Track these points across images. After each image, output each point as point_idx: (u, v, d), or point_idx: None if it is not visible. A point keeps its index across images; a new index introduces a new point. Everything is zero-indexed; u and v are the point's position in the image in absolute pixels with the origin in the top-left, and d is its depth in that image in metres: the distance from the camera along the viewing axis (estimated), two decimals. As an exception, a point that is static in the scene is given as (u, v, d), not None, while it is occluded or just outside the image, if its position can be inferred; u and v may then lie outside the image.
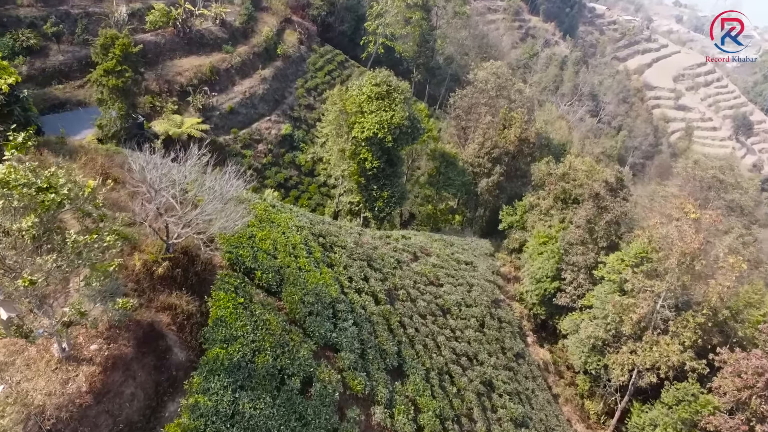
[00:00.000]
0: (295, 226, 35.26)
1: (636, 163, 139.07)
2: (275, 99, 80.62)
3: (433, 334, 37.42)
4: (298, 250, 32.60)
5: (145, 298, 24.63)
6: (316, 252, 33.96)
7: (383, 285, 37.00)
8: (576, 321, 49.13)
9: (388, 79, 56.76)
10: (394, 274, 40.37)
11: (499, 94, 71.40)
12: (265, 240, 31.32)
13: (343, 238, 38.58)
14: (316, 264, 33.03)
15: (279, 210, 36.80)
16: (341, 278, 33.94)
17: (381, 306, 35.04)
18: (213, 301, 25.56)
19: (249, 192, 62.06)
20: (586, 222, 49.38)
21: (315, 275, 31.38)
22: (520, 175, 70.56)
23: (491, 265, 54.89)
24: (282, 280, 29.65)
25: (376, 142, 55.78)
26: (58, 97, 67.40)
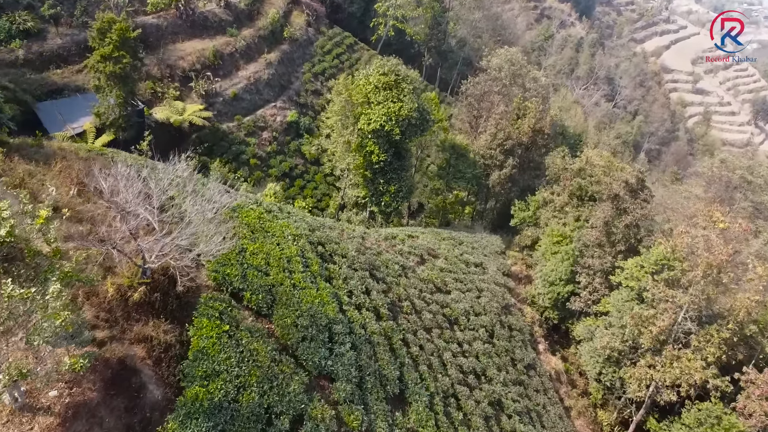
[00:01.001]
0: (292, 235, 32.45)
1: (652, 149, 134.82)
2: (281, 84, 77.43)
3: (439, 351, 34.73)
4: (293, 263, 29.85)
5: (117, 328, 22.02)
6: (313, 265, 31.20)
7: (386, 297, 34.26)
8: (590, 328, 46.29)
9: (397, 68, 53.45)
10: (399, 282, 37.61)
11: (513, 82, 67.77)
12: (257, 254, 28.57)
13: (344, 246, 35.77)
14: (313, 279, 30.29)
15: (275, 216, 33.98)
16: (340, 293, 31.22)
17: (383, 322, 32.34)
18: (194, 330, 22.92)
19: (249, 186, 59.60)
20: (603, 224, 46.25)
21: (311, 293, 28.66)
22: (534, 167, 67.24)
23: (502, 264, 52.00)
24: (274, 301, 26.96)
25: (383, 135, 52.72)
26: (56, 82, 64.64)
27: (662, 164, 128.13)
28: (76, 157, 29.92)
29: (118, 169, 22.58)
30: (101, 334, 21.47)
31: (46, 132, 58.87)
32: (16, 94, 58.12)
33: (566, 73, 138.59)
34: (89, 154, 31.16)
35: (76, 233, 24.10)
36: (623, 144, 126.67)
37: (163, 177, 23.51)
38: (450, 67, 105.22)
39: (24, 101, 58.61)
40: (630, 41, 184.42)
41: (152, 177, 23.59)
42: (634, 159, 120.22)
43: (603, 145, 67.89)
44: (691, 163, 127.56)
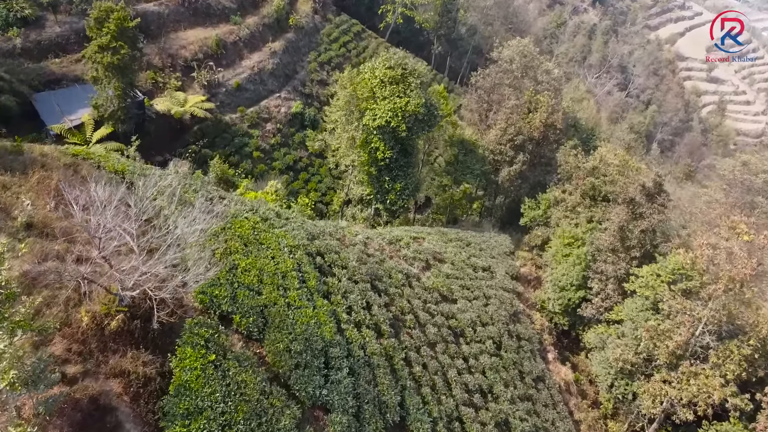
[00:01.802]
0: (289, 246, 30.37)
1: (665, 139, 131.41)
2: (285, 74, 75.01)
3: (444, 368, 32.72)
4: (288, 279, 27.79)
5: (92, 362, 20.08)
6: (310, 279, 29.14)
7: (388, 312, 32.20)
8: (602, 336, 44.13)
9: (404, 61, 50.94)
10: (402, 293, 35.53)
11: (525, 75, 64.96)
12: (250, 271, 26.53)
13: (344, 256, 33.67)
14: (310, 296, 28.25)
15: (272, 225, 31.89)
16: (339, 310, 29.19)
17: (384, 340, 30.33)
18: (177, 361, 20.95)
19: (250, 182, 57.48)
20: (618, 229, 43.86)
21: (306, 312, 26.63)
22: (545, 162, 64.68)
23: (510, 266, 49.75)
24: (266, 323, 24.95)
25: (389, 131, 50.38)
26: (54, 72, 62.57)
27: (675, 155, 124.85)
28: (58, 164, 27.85)
29: (93, 189, 20.42)
30: (73, 369, 19.55)
31: (43, 124, 57.11)
32: (12, 84, 56.15)
33: (578, 61, 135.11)
34: (74, 159, 29.08)
35: (50, 254, 22.12)
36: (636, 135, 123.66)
37: (143, 194, 21.33)
38: (460, 55, 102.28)
39: (20, 92, 56.65)
40: (644, 28, 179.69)
41: (133, 193, 21.50)
42: (647, 150, 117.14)
43: (616, 140, 65.20)
44: (705, 155, 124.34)
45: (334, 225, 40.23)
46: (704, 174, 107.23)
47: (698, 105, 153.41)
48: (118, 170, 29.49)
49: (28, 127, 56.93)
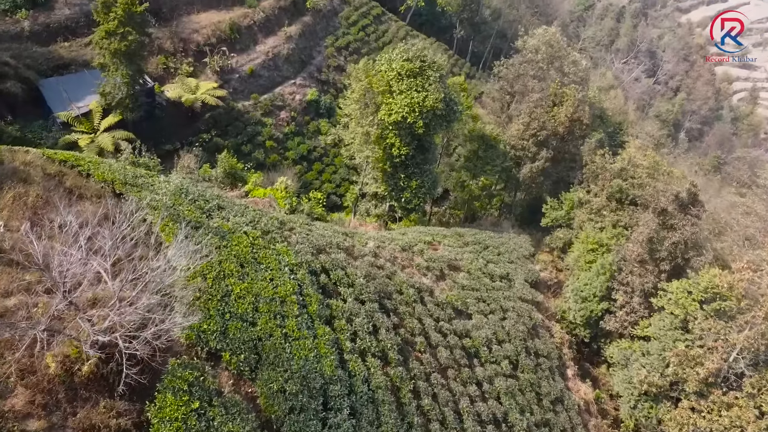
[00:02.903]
0: (290, 265, 27.81)
1: (693, 128, 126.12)
2: (301, 60, 71.82)
3: (455, 397, 30.15)
4: (287, 305, 25.26)
5: (59, 414, 17.80)
6: (312, 303, 26.59)
7: (396, 336, 29.60)
8: (626, 353, 41.21)
9: (422, 53, 47.60)
10: (413, 311, 32.90)
11: (551, 65, 61.20)
12: (244, 297, 24.02)
13: (351, 272, 31.04)
14: (310, 323, 25.73)
15: (273, 239, 29.30)
16: (342, 337, 26.65)
17: (392, 368, 27.82)
18: (155, 411, 18.60)
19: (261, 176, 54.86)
20: (647, 240, 40.63)
21: (305, 344, 24.13)
22: (569, 158, 61.21)
23: (530, 272, 46.76)
24: (260, 360, 22.50)
25: (405, 127, 47.30)
26: (62, 56, 60.21)
27: (703, 145, 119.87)
28: (41, 176, 25.42)
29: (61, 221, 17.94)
30: (36, 424, 17.29)
31: (50, 111, 54.95)
32: (18, 70, 53.94)
33: (605, 45, 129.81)
34: (59, 168, 26.62)
35: (18, 286, 19.77)
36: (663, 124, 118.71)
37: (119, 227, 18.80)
38: (483, 39, 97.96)
39: (26, 78, 54.42)
40: (675, 11, 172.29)
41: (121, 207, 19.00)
42: (674, 139, 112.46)
43: (645, 135, 61.39)
44: (735, 145, 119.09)
45: (343, 232, 37.54)
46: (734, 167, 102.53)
47: (729, 92, 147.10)
48: (108, 179, 27.01)
49: (34, 114, 54.94)
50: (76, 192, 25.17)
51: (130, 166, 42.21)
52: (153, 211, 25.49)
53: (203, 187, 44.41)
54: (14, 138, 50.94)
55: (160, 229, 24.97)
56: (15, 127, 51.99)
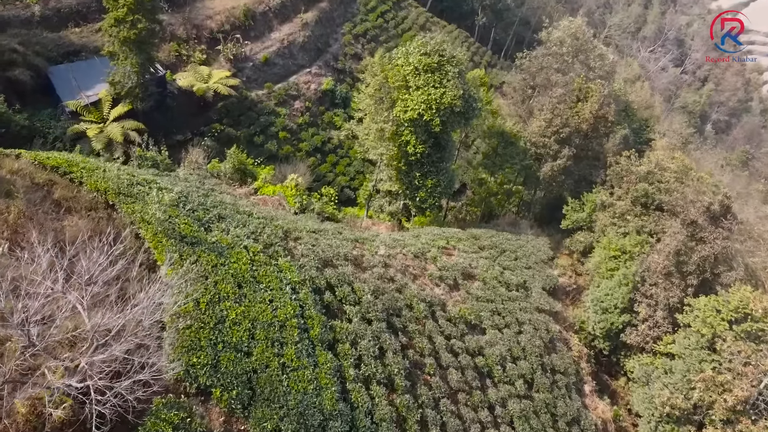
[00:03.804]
0: (292, 282, 25.91)
1: (720, 120, 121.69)
2: (317, 47, 69.36)
3: (465, 425, 28.21)
4: (287, 330, 23.39)
5: (27, 466, 16.18)
6: (315, 327, 24.70)
7: (404, 359, 27.66)
8: (647, 369, 38.96)
9: (441, 47, 44.99)
10: (423, 329, 30.92)
11: (575, 59, 58.09)
12: (240, 324, 22.18)
13: (359, 287, 29.07)
14: (312, 349, 23.85)
15: (276, 253, 27.36)
16: (345, 364, 24.76)
17: (398, 396, 25.94)
18: (136, 459, 16.92)
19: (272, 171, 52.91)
20: (674, 252, 38.11)
21: (304, 376, 22.28)
22: (592, 156, 58.39)
23: (548, 278, 44.45)
24: (254, 395, 20.70)
25: (421, 125, 44.96)
26: (73, 42, 58.52)
27: (730, 138, 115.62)
28: (28, 186, 23.66)
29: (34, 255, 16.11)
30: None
31: (59, 99, 53.38)
32: (26, 57, 52.32)
33: (632, 32, 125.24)
34: (50, 176, 24.83)
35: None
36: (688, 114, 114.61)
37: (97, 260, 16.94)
38: (505, 27, 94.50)
39: (35, 65, 52.80)
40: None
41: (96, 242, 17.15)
42: (700, 132, 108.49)
43: (673, 133, 58.31)
44: (765, 139, 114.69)
45: (353, 239, 35.51)
46: (763, 162, 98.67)
47: (759, 83, 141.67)
48: (101, 189, 25.18)
49: (44, 102, 53.44)
50: (65, 205, 23.36)
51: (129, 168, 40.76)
52: (146, 226, 23.67)
53: (210, 184, 42.81)
54: (22, 127, 49.63)
55: (152, 246, 23.21)
56: (23, 116, 50.56)
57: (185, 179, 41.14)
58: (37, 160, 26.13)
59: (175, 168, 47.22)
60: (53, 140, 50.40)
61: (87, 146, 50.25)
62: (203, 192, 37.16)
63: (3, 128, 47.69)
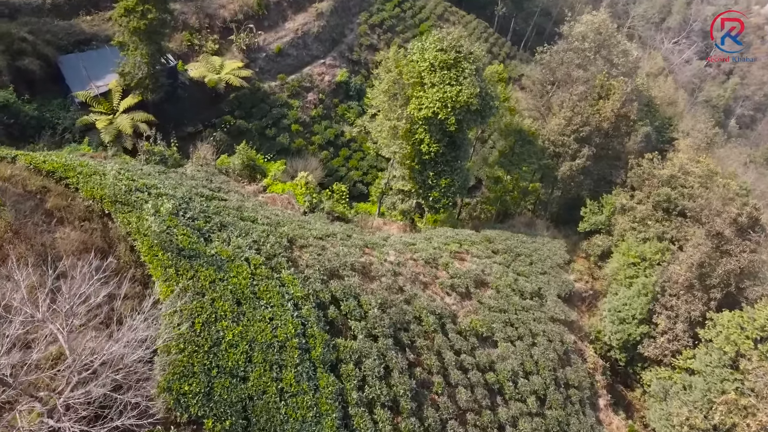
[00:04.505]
0: (295, 298, 24.58)
1: (744, 114, 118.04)
2: (332, 38, 67.53)
3: (474, 449, 26.94)
4: (287, 351, 22.09)
5: None
6: (317, 347, 23.37)
7: (411, 378, 26.29)
8: (665, 384, 37.30)
9: (458, 43, 43.05)
10: (432, 343, 29.51)
11: (597, 54, 55.76)
12: (237, 345, 20.90)
13: (365, 300, 27.69)
14: (313, 371, 22.55)
15: (279, 264, 26.01)
16: (348, 387, 23.44)
17: (403, 419, 24.60)
18: (119, 500, 15.73)
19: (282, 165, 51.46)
20: (697, 264, 36.24)
21: (304, 402, 21.00)
22: (612, 155, 56.30)
23: (564, 283, 42.83)
24: (249, 424, 19.45)
25: (436, 123, 43.26)
26: (84, 31, 57.34)
27: (755, 134, 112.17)
28: (20, 194, 22.44)
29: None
30: None
31: (68, 90, 52.31)
32: (36, 46, 51.20)
33: (656, 23, 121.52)
34: (44, 182, 23.56)
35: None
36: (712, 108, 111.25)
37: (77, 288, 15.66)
38: (526, 17, 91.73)
39: (45, 55, 51.70)
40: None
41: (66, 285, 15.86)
42: (724, 126, 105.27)
43: (697, 133, 55.87)
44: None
45: (362, 245, 34.12)
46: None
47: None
48: (97, 196, 23.92)
49: (54, 92, 52.43)
50: (57, 215, 22.14)
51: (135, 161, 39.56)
52: (142, 238, 22.40)
53: (218, 182, 41.50)
54: (31, 117, 48.70)
55: (147, 260, 21.95)
56: (33, 106, 49.65)
57: (192, 177, 39.94)
58: (32, 164, 24.92)
59: (184, 162, 46.04)
60: (62, 131, 49.47)
61: (96, 138, 49.28)
62: (210, 190, 35.93)
63: (12, 119, 46.81)
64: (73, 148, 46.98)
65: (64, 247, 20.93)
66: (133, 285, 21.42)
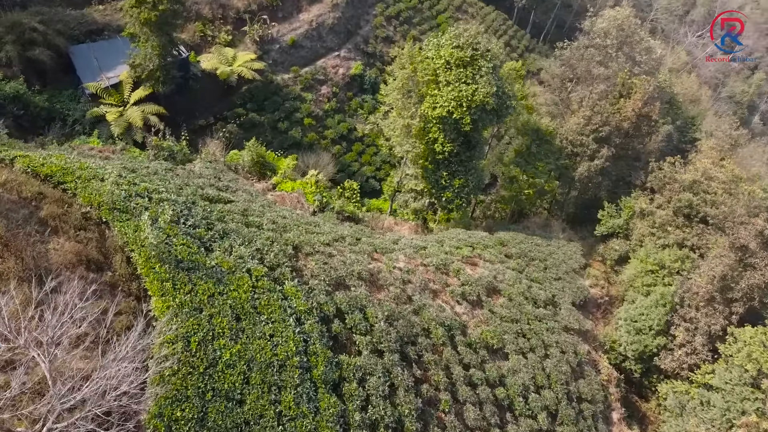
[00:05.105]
0: (298, 312, 23.52)
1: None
2: (347, 30, 66.02)
3: (481, 472, 25.86)
4: (287, 371, 21.05)
5: None
6: (319, 365, 22.31)
7: (417, 396, 25.15)
8: (682, 399, 35.92)
9: (475, 40, 41.42)
10: (441, 358, 28.36)
11: (619, 50, 53.71)
12: (234, 366, 19.90)
13: (372, 312, 26.57)
14: (314, 391, 21.51)
15: (283, 275, 24.95)
16: (350, 408, 22.37)
17: (407, 441, 23.56)
18: None
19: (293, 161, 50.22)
20: (719, 277, 34.65)
21: (303, 426, 19.99)
22: (632, 156, 54.48)
23: (579, 290, 41.39)
24: (244, 452, 18.49)
25: (451, 123, 41.83)
26: (96, 20, 56.53)
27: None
28: (15, 200, 21.52)
29: None
30: None
31: (79, 80, 51.52)
32: (47, 36, 50.36)
33: (679, 15, 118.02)
34: (40, 188, 22.60)
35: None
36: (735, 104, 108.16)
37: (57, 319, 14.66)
38: (546, 9, 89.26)
39: (56, 45, 50.86)
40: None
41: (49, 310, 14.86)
42: (747, 123, 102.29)
43: (720, 134, 53.73)
44: None
45: (372, 250, 32.98)
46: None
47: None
48: (94, 203, 22.95)
49: (65, 82, 51.70)
50: (52, 224, 21.19)
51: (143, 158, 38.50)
52: (139, 248, 21.41)
53: (227, 180, 40.43)
54: (42, 108, 48.03)
55: (143, 273, 20.98)
56: (43, 97, 49.00)
57: (200, 174, 38.97)
58: (30, 167, 24.03)
59: (194, 157, 45.08)
60: (72, 123, 48.78)
61: (106, 130, 48.52)
62: (217, 189, 34.92)
63: (22, 110, 46.15)
64: (83, 140, 46.24)
65: (56, 260, 20.02)
66: (128, 300, 20.48)
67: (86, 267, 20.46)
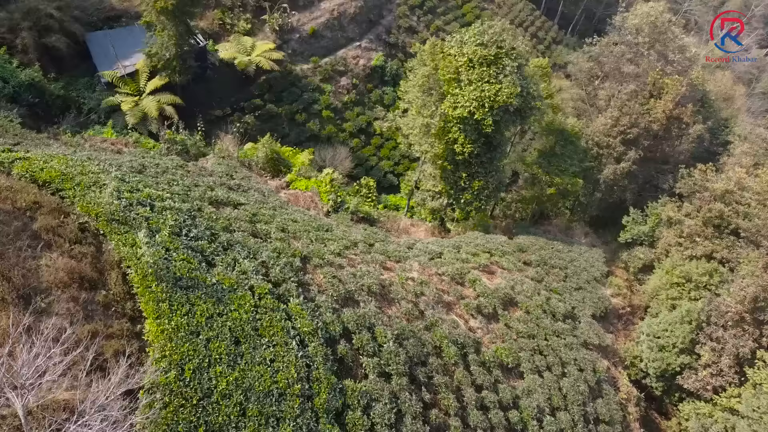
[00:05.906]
0: (302, 332, 22.19)
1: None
2: (369, 19, 64.02)
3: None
4: (287, 401, 19.76)
5: None
6: (321, 392, 20.98)
7: (425, 424, 23.73)
8: (705, 423, 34.08)
9: (500, 37, 39.35)
10: (452, 379, 26.88)
11: (651, 48, 51.09)
12: (230, 396, 18.64)
13: (381, 331, 25.14)
14: (315, 422, 20.21)
15: (288, 291, 23.58)
16: (355, 439, 21.08)
17: (413, 474, 22.22)
18: None
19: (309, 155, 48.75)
20: (751, 298, 32.59)
21: (302, 463, 18.73)
22: (661, 159, 52.09)
23: (600, 300, 39.65)
24: (236, 494, 17.28)
25: (472, 123, 39.95)
26: (114, 7, 55.37)
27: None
28: (9, 211, 20.36)
29: None
30: None
31: (95, 68, 50.51)
32: (63, 23, 49.31)
33: (714, 7, 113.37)
34: (36, 197, 21.40)
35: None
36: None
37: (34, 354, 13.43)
38: (575, 0, 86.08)
39: (72, 32, 49.82)
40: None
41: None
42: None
43: (756, 137, 51.06)
44: None
45: (384, 257, 31.53)
46: None
47: None
48: (92, 213, 21.72)
49: (82, 69, 50.74)
50: (46, 238, 20.01)
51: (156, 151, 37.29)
52: (136, 265, 20.17)
53: (239, 177, 39.10)
54: (57, 96, 47.18)
55: (139, 293, 19.75)
56: (59, 85, 48.16)
57: (211, 172, 37.75)
58: (29, 173, 22.87)
59: (207, 151, 43.89)
60: (87, 112, 47.90)
61: (121, 120, 47.54)
62: (228, 188, 33.68)
63: (37, 98, 45.23)
64: (97, 131, 45.35)
65: (48, 278, 18.84)
66: (121, 321, 19.28)
67: (79, 285, 19.25)
